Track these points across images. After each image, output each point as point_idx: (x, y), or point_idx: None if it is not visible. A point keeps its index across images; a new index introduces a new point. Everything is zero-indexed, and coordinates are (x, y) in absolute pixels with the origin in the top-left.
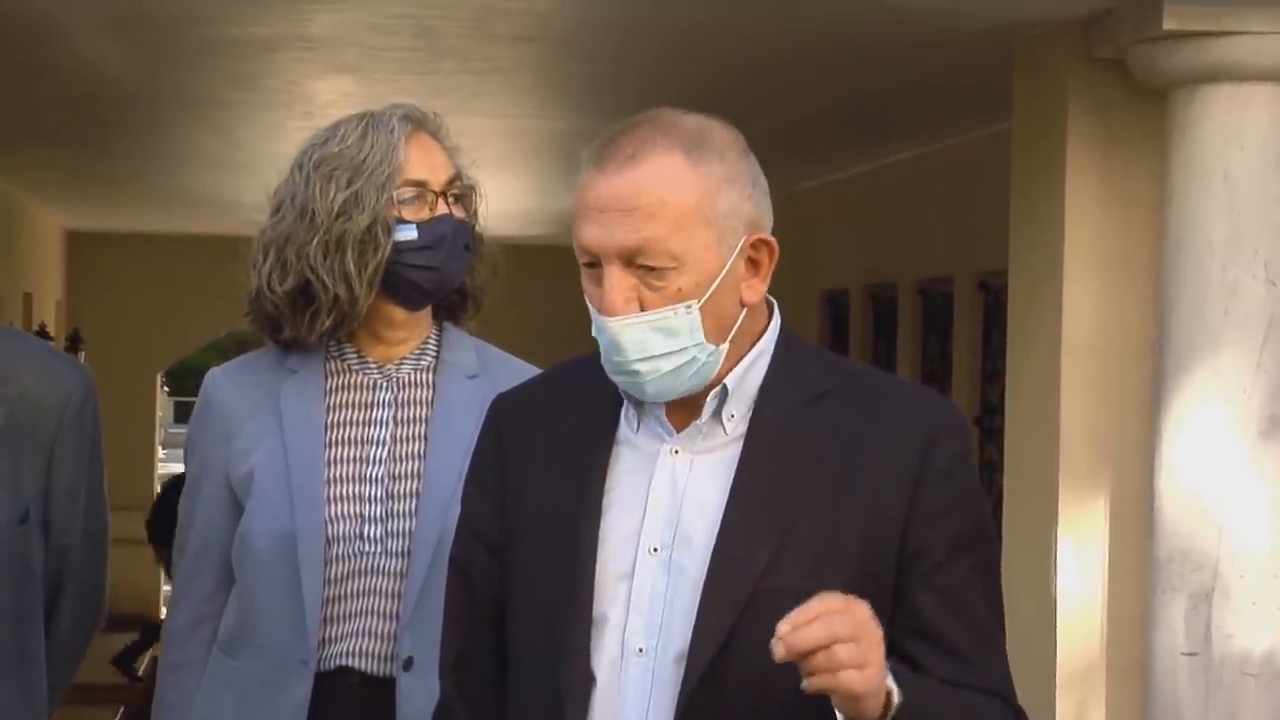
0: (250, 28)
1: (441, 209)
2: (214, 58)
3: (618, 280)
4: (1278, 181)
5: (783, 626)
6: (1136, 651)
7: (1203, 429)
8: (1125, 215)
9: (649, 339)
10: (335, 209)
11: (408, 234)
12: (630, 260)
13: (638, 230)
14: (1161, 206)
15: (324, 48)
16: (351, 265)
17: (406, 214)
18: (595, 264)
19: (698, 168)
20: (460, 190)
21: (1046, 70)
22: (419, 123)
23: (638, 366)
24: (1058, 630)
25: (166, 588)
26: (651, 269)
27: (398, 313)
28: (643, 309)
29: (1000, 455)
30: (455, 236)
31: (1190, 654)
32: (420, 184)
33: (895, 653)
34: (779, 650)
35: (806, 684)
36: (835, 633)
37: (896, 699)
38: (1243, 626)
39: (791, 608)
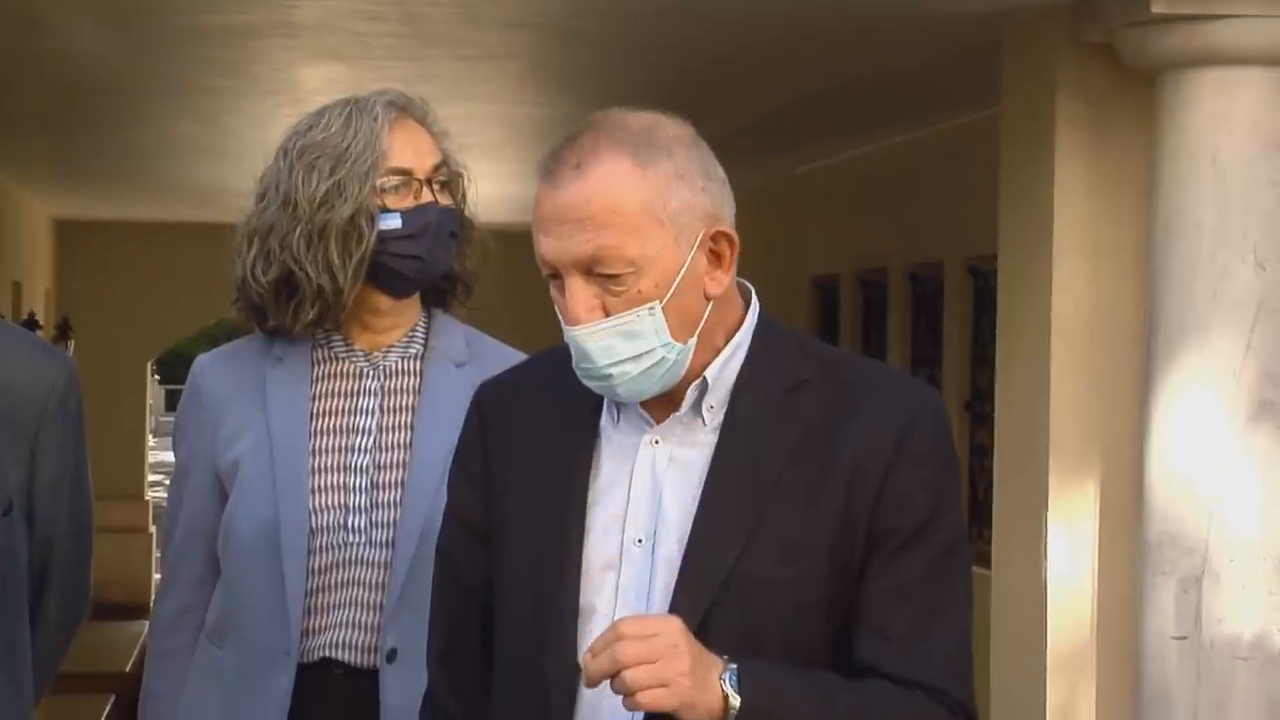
0: (236, 15)
1: (426, 196)
2: (200, 45)
3: (579, 290)
4: (1267, 165)
5: (585, 656)
6: (1127, 635)
7: (1192, 413)
8: (1114, 199)
9: (615, 344)
10: (318, 198)
11: (392, 222)
12: (589, 270)
13: (591, 241)
14: (1150, 191)
15: (310, 34)
16: (335, 256)
17: (390, 202)
18: (557, 275)
19: (646, 169)
20: (446, 176)
21: (1035, 55)
22: (404, 108)
23: (608, 371)
24: (1048, 614)
25: (158, 576)
26: (610, 276)
27: (383, 300)
28: (606, 315)
29: (990, 440)
30: (440, 224)
31: (1180, 638)
32: (404, 172)
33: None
34: (584, 680)
35: (623, 704)
36: (619, 660)
37: (735, 703)
38: (1233, 610)
39: (763, 595)
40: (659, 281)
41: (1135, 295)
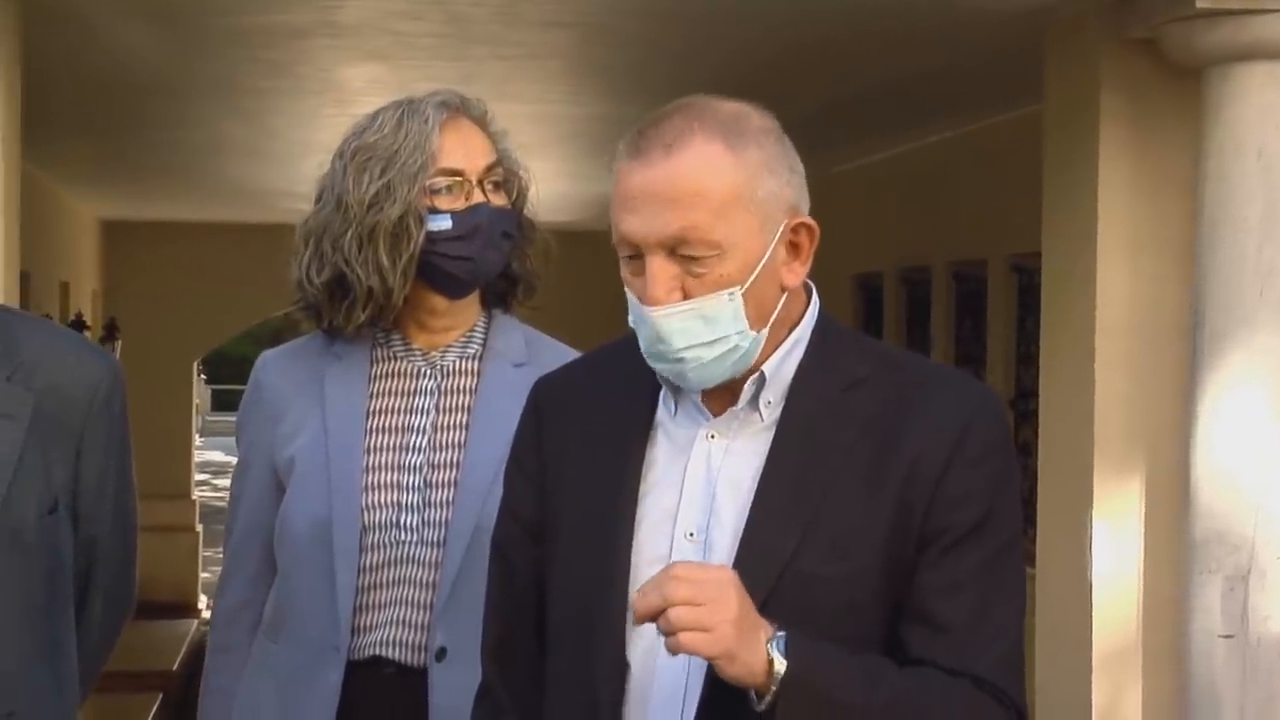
0: (280, 16)
1: (478, 197)
2: (245, 46)
3: (660, 270)
4: None
5: (635, 594)
6: (1173, 634)
7: (1238, 410)
8: (1159, 196)
9: (693, 327)
10: (367, 200)
11: (442, 224)
12: (673, 250)
13: (679, 220)
14: (1196, 186)
15: (354, 35)
16: (384, 257)
17: (441, 203)
18: (636, 255)
19: (737, 155)
20: (501, 176)
21: (1079, 51)
22: (458, 108)
23: (682, 355)
24: (1093, 613)
25: (204, 575)
26: (694, 258)
27: (439, 301)
28: (686, 297)
29: (1035, 438)
30: (491, 225)
31: (1227, 636)
32: (455, 172)
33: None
34: (633, 617)
35: (665, 645)
36: (668, 597)
37: (779, 668)
38: None
39: (817, 590)
40: (741, 267)
41: (1180, 292)
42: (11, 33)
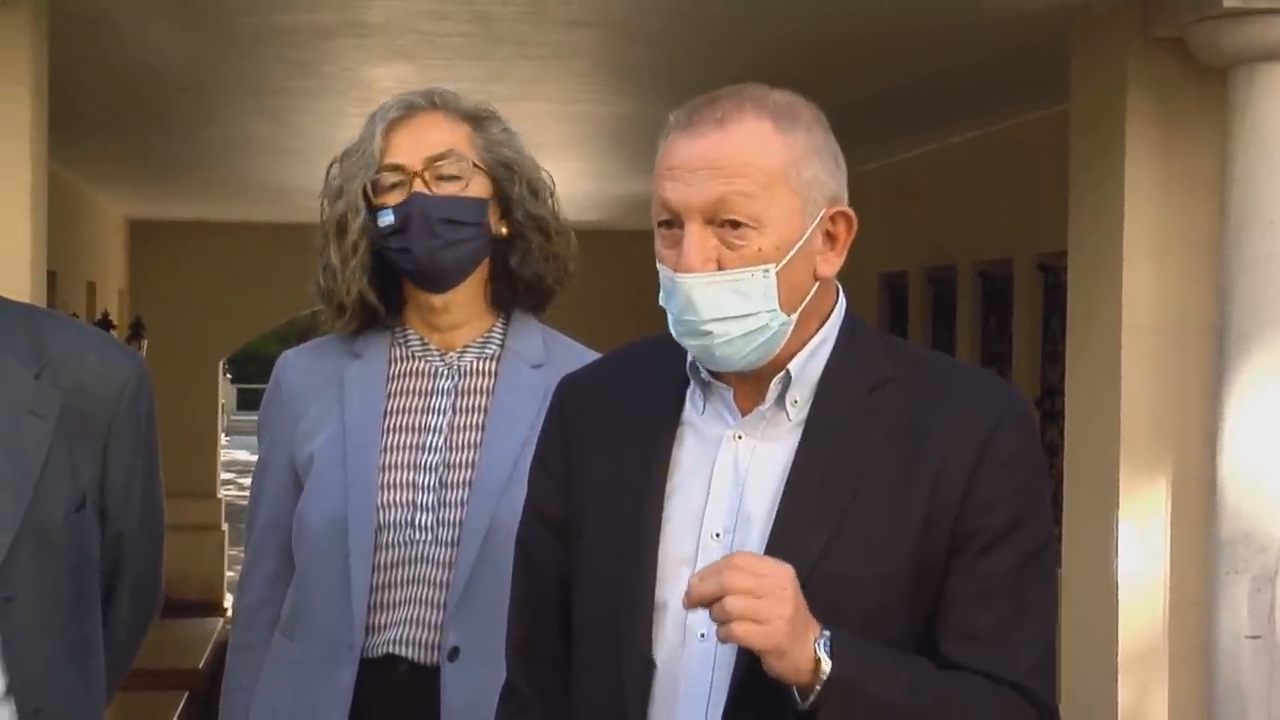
0: (307, 15)
1: (418, 187)
2: (271, 46)
3: (698, 238)
4: None
5: (692, 578)
6: (1199, 634)
7: (1265, 410)
8: (1186, 195)
9: (724, 299)
10: (324, 204)
11: (386, 219)
12: (712, 218)
13: (723, 187)
14: (1222, 186)
15: (380, 34)
16: (334, 256)
17: (389, 200)
18: (673, 223)
19: (786, 135)
20: (455, 169)
21: (1105, 50)
22: (424, 106)
23: (710, 327)
24: (1119, 613)
25: (230, 573)
26: (734, 225)
27: (431, 298)
28: (720, 269)
29: (1061, 438)
30: (424, 213)
31: (1253, 637)
32: (397, 168)
33: (925, 638)
34: (685, 600)
35: (716, 633)
36: (726, 585)
37: (825, 668)
38: None
39: (845, 593)
40: (778, 245)
41: (1206, 292)
42: (38, 32)
